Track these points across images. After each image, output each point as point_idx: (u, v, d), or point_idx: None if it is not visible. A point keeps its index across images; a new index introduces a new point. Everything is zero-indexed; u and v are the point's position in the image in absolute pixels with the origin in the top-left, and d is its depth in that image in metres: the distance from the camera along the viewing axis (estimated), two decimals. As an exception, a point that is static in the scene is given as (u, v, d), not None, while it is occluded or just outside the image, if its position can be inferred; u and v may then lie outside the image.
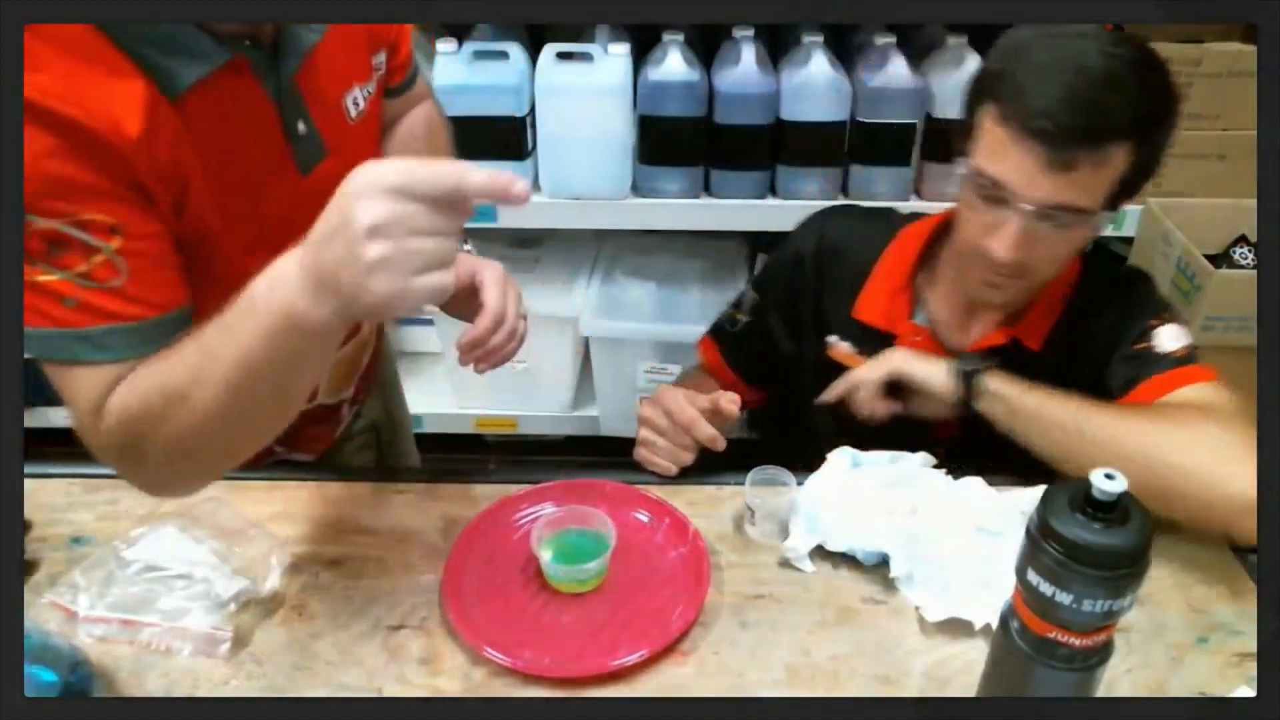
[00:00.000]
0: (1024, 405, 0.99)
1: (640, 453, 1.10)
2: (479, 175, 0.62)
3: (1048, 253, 1.00)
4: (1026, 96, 0.92)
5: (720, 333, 1.34)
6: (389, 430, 1.39)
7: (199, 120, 0.80)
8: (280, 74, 0.87)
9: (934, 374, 1.04)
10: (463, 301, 0.99)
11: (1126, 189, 0.98)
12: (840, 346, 1.21)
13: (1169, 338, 1.05)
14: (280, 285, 0.67)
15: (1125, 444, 0.92)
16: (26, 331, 0.75)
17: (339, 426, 1.24)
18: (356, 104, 0.99)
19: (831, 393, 1.12)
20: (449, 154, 1.25)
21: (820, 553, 0.96)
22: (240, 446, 0.79)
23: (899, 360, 1.07)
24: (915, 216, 1.23)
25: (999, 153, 0.95)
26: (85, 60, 0.74)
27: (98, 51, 0.75)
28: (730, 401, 1.05)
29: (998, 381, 1.01)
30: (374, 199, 0.62)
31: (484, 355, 0.97)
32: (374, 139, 1.08)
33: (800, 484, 1.00)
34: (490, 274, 0.98)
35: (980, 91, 0.98)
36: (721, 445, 1.05)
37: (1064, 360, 1.10)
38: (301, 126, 0.90)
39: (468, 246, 1.02)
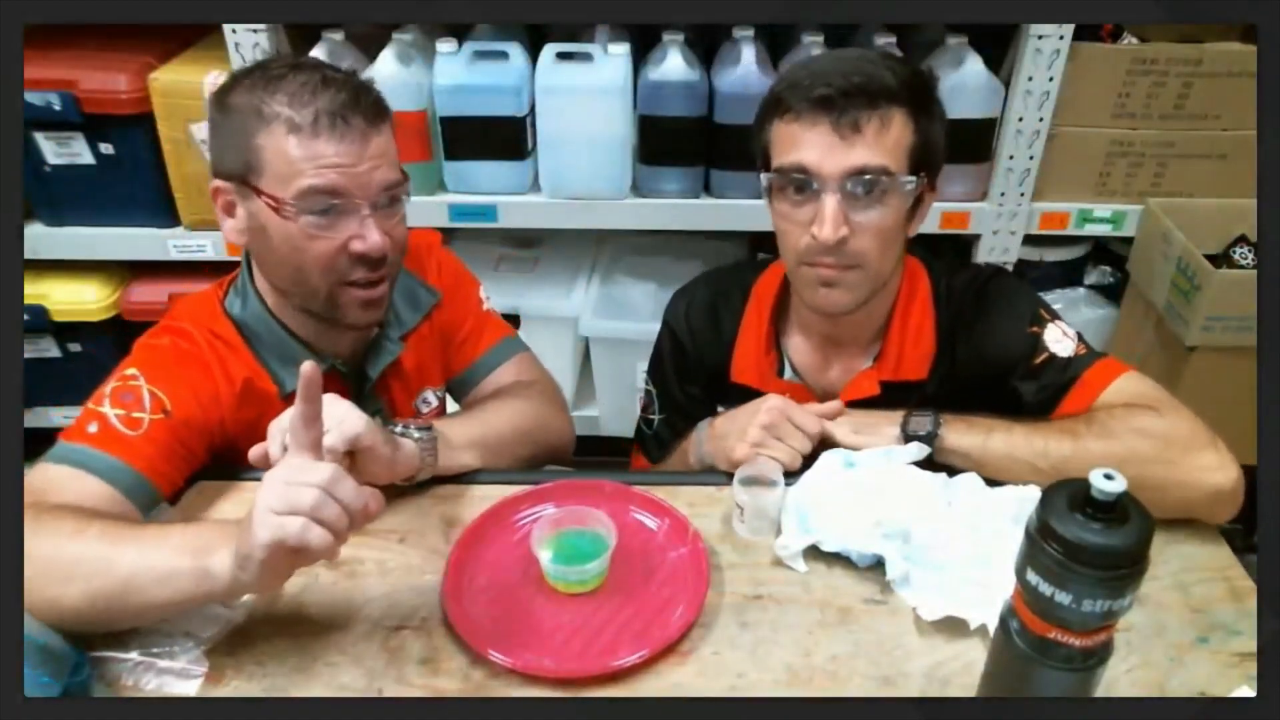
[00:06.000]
0: (990, 453, 1.00)
1: (744, 450, 1.04)
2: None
3: (871, 231, 1.01)
4: (805, 82, 0.98)
5: (642, 440, 1.33)
6: None
7: None
8: (364, 382, 1.15)
9: (884, 447, 1.03)
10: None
11: (920, 162, 1.00)
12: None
13: (1057, 340, 1.07)
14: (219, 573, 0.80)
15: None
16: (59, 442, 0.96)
17: None
18: (428, 402, 1.26)
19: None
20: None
21: (818, 553, 0.96)
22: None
23: (843, 436, 1.05)
24: (766, 264, 1.23)
25: (793, 142, 1.00)
26: (233, 349, 1.07)
27: (244, 354, 1.08)
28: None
29: (955, 437, 1.01)
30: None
31: None
32: None
33: (790, 483, 1.00)
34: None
35: (765, 114, 1.03)
36: None
37: (954, 384, 1.10)
38: (379, 420, 1.03)
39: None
